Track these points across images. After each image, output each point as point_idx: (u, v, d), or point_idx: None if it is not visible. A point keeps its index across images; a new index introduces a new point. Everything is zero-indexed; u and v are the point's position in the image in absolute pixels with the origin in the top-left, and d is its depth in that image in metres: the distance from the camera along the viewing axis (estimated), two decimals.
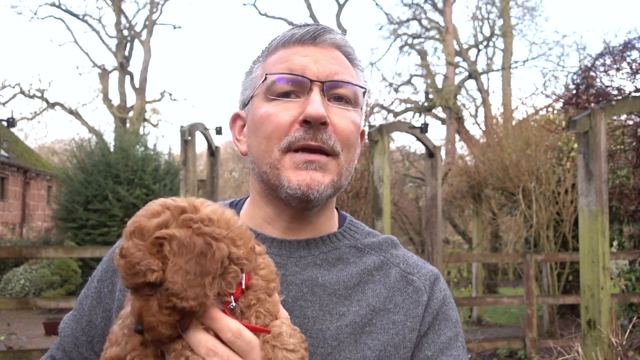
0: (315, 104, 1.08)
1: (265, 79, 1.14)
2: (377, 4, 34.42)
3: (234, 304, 0.95)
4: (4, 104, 27.12)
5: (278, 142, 1.10)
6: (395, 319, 1.13)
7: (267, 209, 1.18)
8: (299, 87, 1.12)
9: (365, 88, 1.19)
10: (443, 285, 1.22)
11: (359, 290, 1.14)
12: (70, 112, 27.19)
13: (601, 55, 8.42)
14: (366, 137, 10.01)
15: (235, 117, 1.26)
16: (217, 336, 0.92)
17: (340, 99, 1.14)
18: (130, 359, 0.95)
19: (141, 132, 18.24)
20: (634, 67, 7.68)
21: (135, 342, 0.95)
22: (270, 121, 1.11)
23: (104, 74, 27.78)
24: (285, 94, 1.12)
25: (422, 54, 24.26)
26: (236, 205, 1.28)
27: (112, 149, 15.31)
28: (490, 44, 24.29)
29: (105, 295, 1.19)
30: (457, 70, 23.85)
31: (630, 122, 7.51)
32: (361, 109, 1.20)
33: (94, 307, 1.20)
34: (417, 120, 19.86)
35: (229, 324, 0.92)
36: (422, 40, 24.61)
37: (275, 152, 1.10)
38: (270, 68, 1.15)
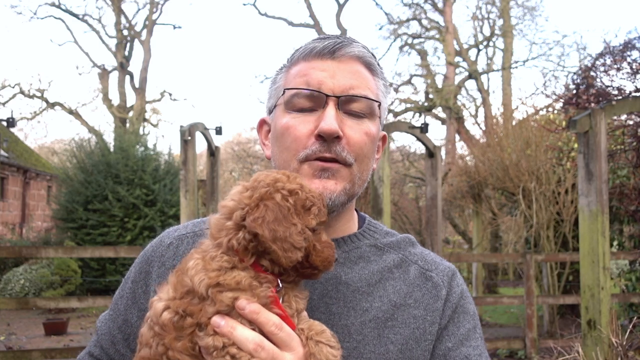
0: (329, 119, 1.14)
1: (284, 92, 1.21)
2: (377, 4, 34.40)
3: (280, 285, 1.00)
4: (4, 104, 27.13)
5: (296, 153, 1.17)
6: (415, 313, 1.18)
7: None
8: (315, 101, 1.18)
9: (379, 102, 1.23)
10: (460, 280, 1.28)
11: (380, 286, 1.20)
12: (70, 112, 27.18)
13: (601, 55, 8.41)
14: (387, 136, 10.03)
15: (262, 123, 1.34)
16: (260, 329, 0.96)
17: (355, 113, 1.20)
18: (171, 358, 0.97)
19: (141, 132, 18.23)
20: (634, 67, 7.67)
21: (168, 342, 0.97)
22: (290, 134, 1.18)
23: (104, 74, 27.77)
24: (303, 110, 1.19)
25: (422, 54, 24.25)
26: None
27: (112, 149, 15.31)
28: (491, 44, 24.29)
29: (140, 295, 1.26)
30: (457, 70, 23.84)
31: (630, 122, 7.51)
32: (379, 117, 1.25)
33: (129, 306, 1.27)
34: (417, 120, 19.85)
35: (272, 317, 0.96)
36: (422, 40, 24.61)
37: (294, 163, 1.18)
38: (290, 80, 1.22)
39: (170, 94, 29.23)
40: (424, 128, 7.12)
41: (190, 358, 0.97)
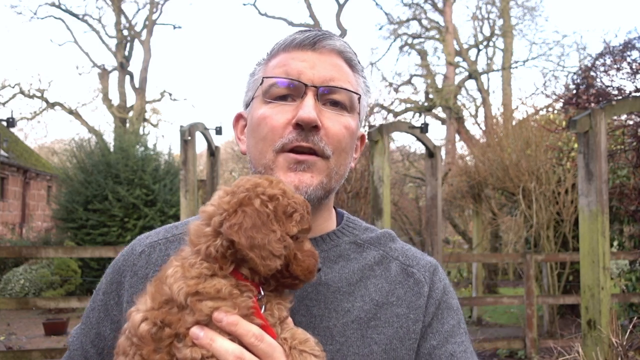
0: (307, 108, 1.11)
1: (263, 82, 1.18)
2: (377, 4, 34.43)
3: (262, 293, 0.97)
4: (4, 104, 27.13)
5: (272, 143, 1.14)
6: (398, 312, 1.15)
7: None
8: (294, 91, 1.15)
9: (359, 94, 1.21)
10: (442, 275, 1.24)
11: (361, 285, 1.17)
12: (70, 112, 27.18)
13: (601, 55, 8.41)
14: (366, 137, 9.96)
15: (238, 117, 1.30)
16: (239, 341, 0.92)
17: (335, 104, 1.16)
18: None
19: (141, 132, 18.23)
20: (634, 67, 7.67)
21: (146, 353, 0.94)
22: (266, 123, 1.15)
23: (104, 74, 27.77)
24: (282, 98, 1.15)
25: (422, 54, 24.26)
26: None
27: (112, 149, 15.31)
28: (490, 44, 24.30)
29: (112, 307, 1.21)
30: (457, 70, 23.84)
31: (631, 122, 7.51)
32: (359, 114, 1.22)
33: (101, 319, 1.22)
34: (417, 120, 19.84)
35: (252, 328, 0.92)
36: (422, 40, 24.62)
37: (270, 153, 1.14)
38: (269, 71, 1.19)
39: (170, 94, 29.23)
40: (424, 128, 7.12)
41: None
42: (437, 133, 41.28)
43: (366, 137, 1.37)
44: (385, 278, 1.19)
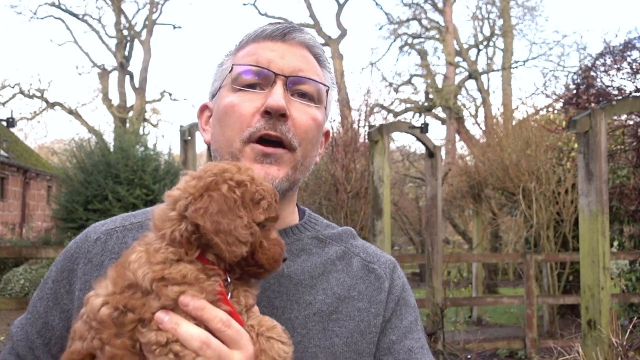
0: (276, 96, 1.11)
1: (232, 69, 1.18)
2: (377, 4, 34.43)
3: (229, 279, 0.95)
4: (3, 104, 27.14)
5: (240, 132, 1.13)
6: (359, 306, 1.17)
7: None
8: (263, 79, 1.15)
9: (328, 87, 1.22)
10: (401, 272, 1.27)
11: (323, 279, 1.17)
12: (70, 112, 27.19)
13: (601, 55, 8.42)
14: (366, 137, 9.97)
15: (204, 108, 1.29)
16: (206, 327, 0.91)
17: (303, 95, 1.17)
18: (107, 354, 0.91)
19: (141, 132, 18.22)
20: (634, 67, 7.67)
21: (106, 337, 0.91)
22: (234, 111, 1.14)
23: (104, 74, 27.78)
24: (251, 86, 1.15)
25: (422, 54, 24.26)
26: None
27: (112, 149, 15.30)
28: (491, 44, 24.31)
29: (62, 296, 1.16)
30: (457, 70, 23.85)
31: (631, 122, 7.51)
32: (325, 108, 1.23)
33: (50, 308, 1.17)
34: (417, 120, 19.83)
35: (218, 314, 0.90)
36: (422, 40, 24.63)
37: (237, 142, 1.13)
38: (238, 60, 1.19)
39: (170, 94, 29.26)
40: (424, 128, 7.13)
41: (130, 356, 0.90)
42: (437, 133, 41.33)
43: (330, 133, 1.37)
44: (347, 273, 1.20)
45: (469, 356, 7.60)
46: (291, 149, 1.14)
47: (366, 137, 9.31)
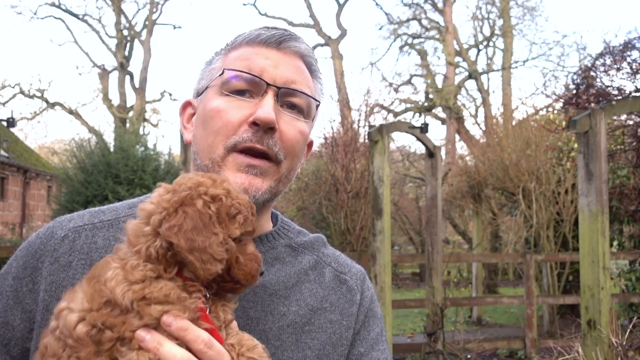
0: (266, 107, 1.08)
1: (222, 73, 1.14)
2: (377, 4, 34.44)
3: (207, 295, 0.93)
4: (4, 104, 27.15)
5: (225, 139, 1.09)
6: (332, 318, 1.16)
7: None
8: (254, 87, 1.12)
9: (319, 101, 1.20)
10: (369, 283, 1.27)
11: (297, 290, 1.16)
12: (70, 112, 27.20)
13: (601, 55, 8.42)
14: (366, 137, 9.95)
15: (186, 105, 1.24)
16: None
17: (293, 107, 1.14)
18: None
19: (141, 132, 18.21)
20: (634, 67, 7.68)
21: (85, 356, 0.87)
22: (221, 117, 1.10)
23: (104, 74, 27.78)
24: (240, 92, 1.12)
25: (422, 54, 24.27)
26: None
27: (112, 149, 15.30)
28: (490, 44, 24.32)
29: (25, 294, 1.10)
30: (457, 70, 23.85)
31: (630, 122, 7.51)
32: (313, 120, 1.21)
33: (10, 307, 1.10)
34: (417, 120, 19.84)
35: (201, 334, 0.88)
36: (422, 40, 24.64)
37: (220, 149, 1.10)
38: (230, 63, 1.15)
39: (170, 94, 29.26)
40: (424, 128, 7.13)
41: None
42: (437, 133, 41.34)
43: (313, 143, 1.32)
44: (320, 283, 1.19)
45: (468, 356, 7.61)
46: (276, 162, 1.11)
47: (366, 137, 9.31)
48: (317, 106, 1.20)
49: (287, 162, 1.14)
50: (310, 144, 1.27)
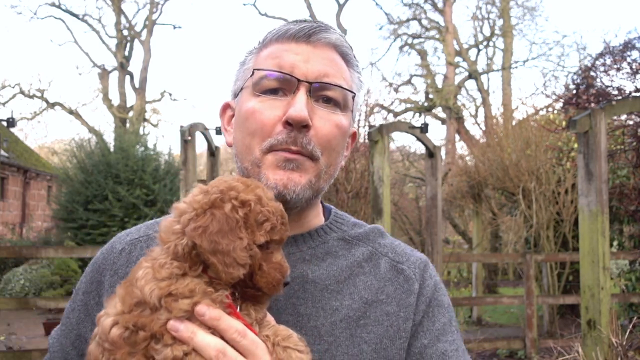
0: (298, 105, 1.07)
1: (253, 73, 1.13)
2: (377, 4, 34.44)
3: (236, 293, 0.94)
4: (4, 104, 27.13)
5: (261, 141, 1.09)
6: (388, 310, 1.11)
7: None
8: (286, 85, 1.10)
9: (354, 93, 1.17)
10: (433, 271, 1.21)
11: (350, 283, 1.13)
12: (70, 112, 27.18)
13: (601, 55, 8.42)
14: (366, 137, 9.93)
15: (226, 107, 1.25)
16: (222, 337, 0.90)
17: (328, 101, 1.12)
18: None
19: (141, 132, 18.24)
20: (634, 67, 7.68)
21: (120, 357, 0.90)
22: (255, 118, 1.10)
23: (104, 74, 27.77)
24: (273, 91, 1.11)
25: (422, 54, 24.26)
26: None
27: (112, 149, 15.30)
28: (490, 44, 24.31)
29: (93, 307, 1.17)
30: (457, 70, 23.85)
31: (630, 122, 7.51)
32: (352, 111, 1.19)
33: (82, 320, 1.18)
34: (417, 120, 19.84)
35: (234, 324, 0.89)
36: (422, 40, 24.63)
37: (257, 152, 1.10)
38: (261, 62, 1.14)
39: (170, 94, 29.25)
40: (424, 128, 7.12)
41: None
42: (437, 133, 41.28)
43: (358, 134, 1.34)
44: (375, 275, 1.15)
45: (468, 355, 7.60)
46: (313, 159, 1.10)
47: (366, 137, 9.31)
48: (354, 97, 1.17)
49: (325, 158, 1.12)
50: (353, 135, 1.25)
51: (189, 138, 7.24)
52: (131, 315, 0.90)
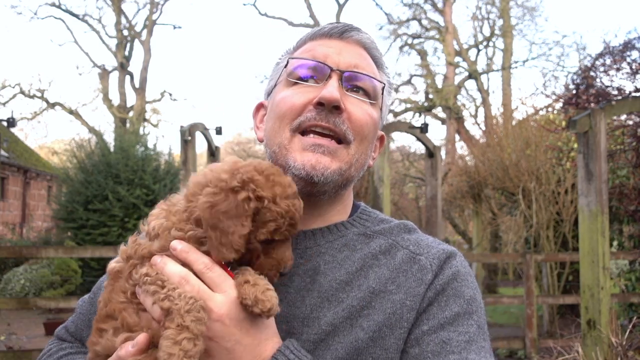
0: (331, 87, 1.10)
1: (288, 64, 1.18)
2: (377, 4, 34.45)
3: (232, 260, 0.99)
4: (4, 104, 27.12)
5: (290, 121, 1.12)
6: (394, 298, 1.09)
7: None
8: (318, 73, 1.14)
9: (384, 83, 1.20)
10: (457, 262, 1.15)
11: (361, 274, 1.12)
12: (70, 112, 27.18)
13: (601, 55, 8.42)
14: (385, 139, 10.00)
15: (259, 107, 1.29)
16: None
17: (358, 90, 1.16)
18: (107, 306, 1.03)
19: (141, 132, 18.20)
20: (634, 67, 7.68)
21: (115, 287, 1.03)
22: (285, 102, 1.14)
23: (104, 74, 27.77)
24: (306, 79, 1.15)
25: (422, 54, 24.26)
26: None
27: (112, 149, 15.30)
28: (490, 44, 24.30)
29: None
30: (457, 70, 23.85)
31: (630, 122, 7.52)
32: (381, 108, 1.21)
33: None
34: (417, 120, 19.83)
35: (202, 258, 0.98)
36: (422, 40, 24.62)
37: (286, 132, 1.12)
38: (295, 57, 1.20)
39: (170, 94, 29.23)
40: (424, 128, 7.14)
41: (123, 296, 1.00)
42: (437, 133, 41.35)
43: (385, 137, 1.36)
44: (388, 266, 1.13)
45: None
46: (346, 142, 1.11)
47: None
48: (383, 89, 1.20)
49: (357, 144, 1.14)
50: (382, 138, 1.29)
51: (189, 138, 7.25)
52: (129, 247, 1.03)
